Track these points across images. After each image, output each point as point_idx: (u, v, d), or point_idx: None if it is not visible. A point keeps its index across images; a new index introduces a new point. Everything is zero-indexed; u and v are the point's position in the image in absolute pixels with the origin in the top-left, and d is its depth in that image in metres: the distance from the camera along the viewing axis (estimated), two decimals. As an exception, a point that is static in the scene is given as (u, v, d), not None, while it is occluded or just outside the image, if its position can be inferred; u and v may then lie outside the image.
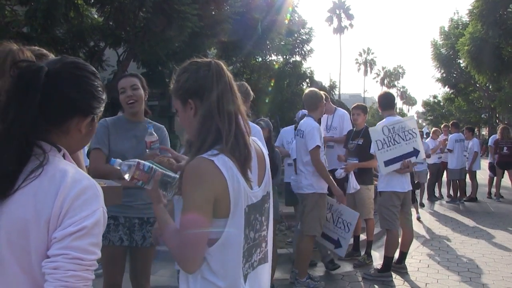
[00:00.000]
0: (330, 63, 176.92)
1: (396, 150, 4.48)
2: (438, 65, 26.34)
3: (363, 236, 5.58)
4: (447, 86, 29.12)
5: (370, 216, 5.20)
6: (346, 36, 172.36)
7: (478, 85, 25.32)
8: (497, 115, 29.77)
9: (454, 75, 27.00)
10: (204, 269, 1.37)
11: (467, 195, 10.17)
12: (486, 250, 5.84)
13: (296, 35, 19.76)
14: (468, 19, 19.82)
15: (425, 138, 10.03)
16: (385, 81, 75.50)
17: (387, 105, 4.76)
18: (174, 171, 1.62)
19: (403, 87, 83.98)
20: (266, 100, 14.50)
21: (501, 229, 7.13)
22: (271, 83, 15.85)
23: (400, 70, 77.97)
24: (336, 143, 5.42)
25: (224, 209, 1.34)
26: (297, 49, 20.82)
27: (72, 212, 1.03)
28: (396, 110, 5.52)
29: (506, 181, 10.46)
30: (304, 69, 20.01)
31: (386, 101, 4.79)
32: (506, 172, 10.08)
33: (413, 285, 4.55)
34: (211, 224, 1.34)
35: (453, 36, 24.32)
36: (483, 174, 12.45)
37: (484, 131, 37.61)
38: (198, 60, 1.49)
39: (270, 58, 17.18)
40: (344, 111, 5.71)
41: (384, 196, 4.57)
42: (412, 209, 5.58)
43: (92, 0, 8.63)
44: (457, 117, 31.48)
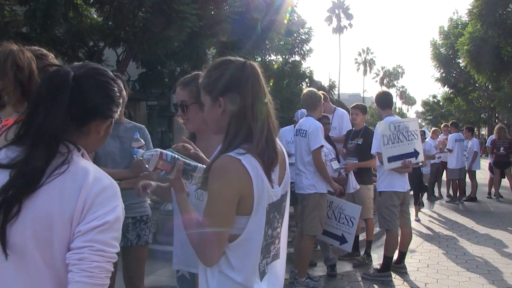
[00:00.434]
0: (330, 63, 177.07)
1: (399, 148, 4.51)
2: (438, 65, 26.35)
3: (363, 236, 5.58)
4: (447, 86, 29.12)
5: (370, 216, 5.19)
6: (346, 36, 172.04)
7: (478, 85, 25.31)
8: (497, 115, 29.77)
9: (454, 75, 27.02)
10: (223, 264, 1.40)
11: (467, 195, 10.17)
12: (486, 250, 5.84)
13: (296, 35, 19.78)
14: (468, 19, 19.81)
15: (425, 138, 10.04)
16: (385, 81, 75.51)
17: (386, 105, 4.76)
18: (192, 157, 1.62)
19: (403, 87, 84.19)
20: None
21: (501, 229, 7.12)
22: (271, 83, 15.87)
23: (400, 70, 78.02)
24: (336, 143, 5.41)
25: (247, 207, 1.38)
26: (297, 49, 20.85)
27: (95, 208, 1.11)
28: (396, 110, 5.52)
29: (506, 181, 10.47)
30: (304, 69, 20.02)
31: (385, 101, 4.79)
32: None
33: (413, 285, 4.55)
34: (234, 221, 1.37)
35: (453, 36, 24.33)
36: (483, 174, 12.45)
37: (484, 131, 37.63)
38: (232, 59, 1.50)
39: (270, 58, 17.21)
40: (344, 111, 5.70)
41: (385, 196, 4.56)
42: (412, 210, 5.57)
43: (92, 0, 8.63)
44: (457, 117, 31.52)
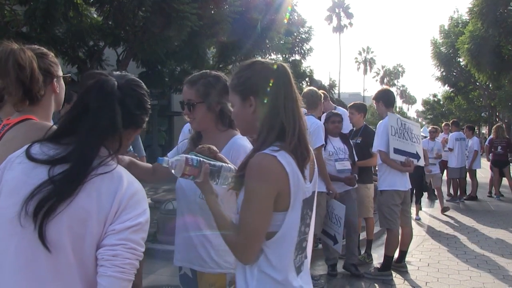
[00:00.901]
0: (330, 62, 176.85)
1: (404, 145, 4.55)
2: (438, 64, 26.37)
3: (363, 235, 5.57)
4: (447, 85, 29.15)
5: (370, 215, 5.19)
6: (346, 35, 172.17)
7: (478, 84, 25.33)
8: (497, 114, 29.77)
9: (454, 74, 27.03)
10: (262, 262, 1.41)
11: (467, 194, 10.17)
12: (487, 249, 5.83)
13: (296, 34, 19.78)
14: (468, 18, 19.83)
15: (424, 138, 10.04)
16: (385, 80, 75.48)
17: (389, 103, 4.75)
18: (217, 159, 1.62)
19: (403, 86, 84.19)
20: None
21: (502, 228, 7.12)
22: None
23: (400, 69, 78.03)
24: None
25: (284, 203, 1.39)
26: (297, 48, 20.85)
27: (129, 210, 1.18)
28: (396, 109, 5.53)
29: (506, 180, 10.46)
30: (304, 68, 20.03)
31: (390, 98, 4.79)
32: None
33: (413, 284, 4.55)
34: (272, 218, 1.39)
35: (453, 35, 24.34)
36: (483, 173, 12.44)
37: (484, 130, 37.61)
38: (262, 60, 1.54)
39: (270, 57, 17.20)
40: (344, 110, 5.69)
41: (386, 195, 4.55)
42: (412, 209, 5.57)
43: (91, 0, 8.62)
44: (457, 116, 31.50)
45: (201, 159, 1.53)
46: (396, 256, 4.82)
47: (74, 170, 1.16)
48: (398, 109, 64.95)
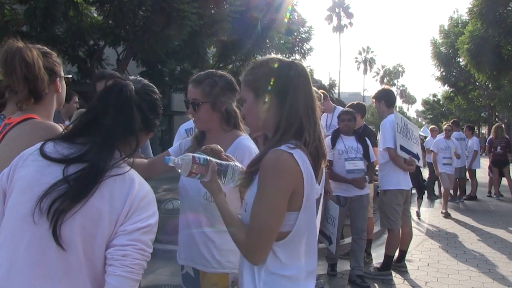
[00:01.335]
0: (330, 62, 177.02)
1: (407, 143, 4.58)
2: (438, 64, 26.37)
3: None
4: (447, 85, 29.16)
5: (370, 215, 5.18)
6: (346, 35, 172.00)
7: (478, 84, 25.34)
8: (497, 114, 29.79)
9: (454, 74, 27.04)
10: (271, 262, 1.38)
11: (467, 194, 10.18)
12: (486, 249, 5.84)
13: (296, 34, 19.77)
14: (468, 18, 19.83)
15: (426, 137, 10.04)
16: (385, 80, 75.50)
17: (390, 103, 4.75)
18: (222, 159, 1.60)
19: (403, 86, 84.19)
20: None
21: (501, 228, 7.12)
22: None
23: (400, 69, 78.06)
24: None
25: (297, 203, 1.36)
26: (297, 48, 20.84)
27: (139, 211, 1.21)
28: (396, 109, 5.52)
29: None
30: (304, 68, 20.01)
31: (390, 99, 4.78)
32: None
33: (413, 284, 4.55)
34: (285, 217, 1.36)
35: (453, 35, 24.35)
36: (483, 173, 12.44)
37: (484, 130, 37.64)
38: (280, 57, 1.51)
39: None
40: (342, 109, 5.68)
41: (389, 195, 4.53)
42: (413, 208, 5.56)
43: (92, -1, 8.61)
44: (457, 116, 31.51)
45: (208, 158, 1.50)
46: (396, 256, 4.82)
47: (92, 172, 1.18)
48: (398, 109, 64.94)
